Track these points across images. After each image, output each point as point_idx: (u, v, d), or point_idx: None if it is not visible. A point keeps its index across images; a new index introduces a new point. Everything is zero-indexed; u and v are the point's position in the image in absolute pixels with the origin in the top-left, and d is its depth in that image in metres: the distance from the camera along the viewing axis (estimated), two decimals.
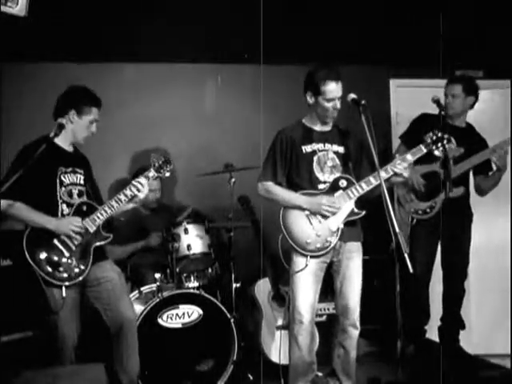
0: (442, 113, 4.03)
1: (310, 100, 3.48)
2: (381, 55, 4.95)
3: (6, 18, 3.10)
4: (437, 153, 3.48)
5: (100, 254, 3.45)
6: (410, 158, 3.48)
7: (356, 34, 4.86)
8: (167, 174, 3.56)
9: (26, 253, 3.23)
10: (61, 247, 3.31)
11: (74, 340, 3.32)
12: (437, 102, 3.95)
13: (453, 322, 4.27)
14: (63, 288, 3.24)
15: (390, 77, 5.21)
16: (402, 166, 3.42)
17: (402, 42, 4.96)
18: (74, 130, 3.45)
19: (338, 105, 3.44)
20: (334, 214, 3.42)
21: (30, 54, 4.48)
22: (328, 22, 4.83)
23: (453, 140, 4.04)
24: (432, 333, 4.34)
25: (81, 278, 3.31)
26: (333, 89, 3.39)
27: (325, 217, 3.43)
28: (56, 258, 3.28)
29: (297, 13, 4.74)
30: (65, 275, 3.27)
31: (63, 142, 3.47)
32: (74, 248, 3.33)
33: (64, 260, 3.30)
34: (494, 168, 4.10)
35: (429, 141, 3.48)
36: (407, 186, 4.14)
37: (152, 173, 3.51)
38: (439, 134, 3.47)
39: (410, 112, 4.35)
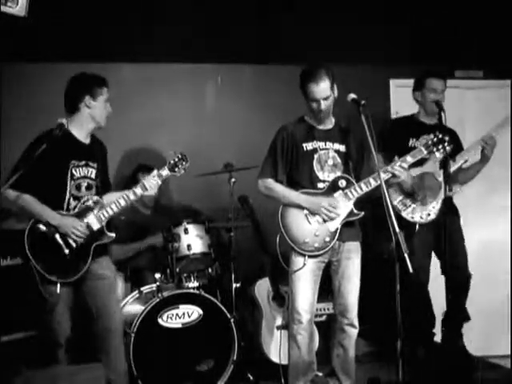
0: (442, 114, 4.02)
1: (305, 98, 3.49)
2: (381, 55, 4.95)
3: (6, 18, 3.10)
4: (437, 154, 3.47)
5: (100, 249, 3.42)
6: (409, 159, 3.48)
7: (356, 34, 4.86)
8: (182, 172, 3.49)
9: (27, 247, 3.23)
10: (61, 243, 3.29)
11: (67, 334, 3.33)
12: (436, 102, 3.95)
13: (457, 315, 4.19)
14: (58, 285, 3.24)
15: (390, 77, 5.21)
16: (400, 167, 3.43)
17: (402, 41, 4.97)
18: (92, 115, 3.41)
19: (323, 105, 3.40)
20: (332, 219, 3.41)
21: (29, 53, 4.48)
22: (328, 22, 4.84)
23: None
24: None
25: (77, 276, 3.30)
26: (314, 90, 3.38)
27: None
28: (55, 254, 3.27)
29: (297, 12, 4.75)
30: (62, 272, 3.26)
31: (79, 133, 3.43)
32: (74, 245, 3.31)
33: (62, 256, 3.29)
34: (476, 159, 4.04)
35: (429, 142, 3.48)
36: (403, 193, 4.02)
37: (166, 171, 3.46)
38: (440, 136, 3.47)
39: (409, 112, 4.34)
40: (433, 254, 4.16)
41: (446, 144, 3.46)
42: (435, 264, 4.19)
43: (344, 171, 3.51)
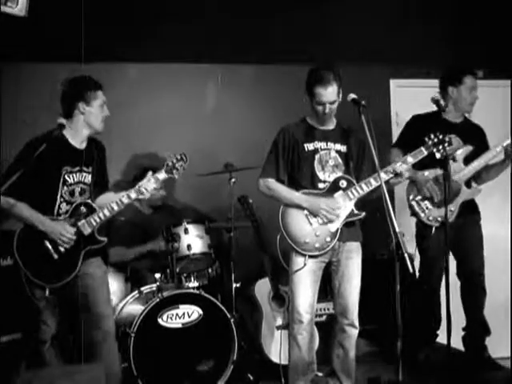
0: (443, 113, 4.02)
1: (307, 100, 3.48)
2: (381, 55, 4.95)
3: (6, 18, 3.10)
4: (438, 155, 3.46)
5: (93, 251, 3.38)
6: (410, 159, 3.48)
7: (356, 34, 4.87)
8: (182, 173, 3.42)
9: (15, 251, 3.23)
10: (50, 249, 3.27)
11: (53, 332, 3.34)
12: (436, 102, 3.94)
13: (476, 329, 4.14)
14: (47, 290, 3.24)
15: (390, 77, 5.21)
16: (402, 167, 3.43)
17: (403, 41, 4.97)
18: (87, 121, 3.35)
19: (328, 109, 3.40)
20: (331, 221, 3.41)
21: (29, 53, 4.48)
22: (328, 22, 4.84)
23: (458, 139, 3.98)
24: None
25: (65, 281, 3.28)
26: (322, 93, 3.37)
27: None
28: (44, 260, 3.25)
29: (297, 12, 4.75)
30: (50, 277, 3.25)
31: (74, 139, 3.38)
32: (62, 250, 3.28)
33: (51, 262, 3.26)
34: (499, 158, 4.01)
35: (430, 143, 3.47)
36: (420, 194, 3.99)
37: (163, 175, 3.39)
38: (440, 136, 3.45)
39: (409, 112, 4.33)
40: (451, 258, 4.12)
41: (446, 145, 3.45)
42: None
43: (345, 172, 3.51)
